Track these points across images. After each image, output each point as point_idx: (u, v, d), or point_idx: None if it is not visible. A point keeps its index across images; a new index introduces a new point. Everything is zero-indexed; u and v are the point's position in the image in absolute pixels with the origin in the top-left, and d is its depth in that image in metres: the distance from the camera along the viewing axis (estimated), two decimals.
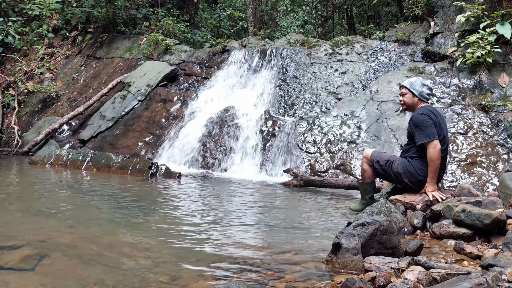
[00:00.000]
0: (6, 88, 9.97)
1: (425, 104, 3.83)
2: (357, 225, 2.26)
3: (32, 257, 2.20)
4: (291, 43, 9.00)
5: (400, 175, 3.71)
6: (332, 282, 1.93)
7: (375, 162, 3.88)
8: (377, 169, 3.87)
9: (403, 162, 3.75)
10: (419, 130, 3.59)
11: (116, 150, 7.46)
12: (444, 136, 3.66)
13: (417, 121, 3.63)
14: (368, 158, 3.93)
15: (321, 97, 7.59)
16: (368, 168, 3.96)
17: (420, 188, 3.67)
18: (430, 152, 3.51)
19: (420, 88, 3.82)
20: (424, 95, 3.81)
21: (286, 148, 6.63)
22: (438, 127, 3.60)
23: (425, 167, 3.59)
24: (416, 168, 3.65)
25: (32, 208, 3.52)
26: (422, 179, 3.63)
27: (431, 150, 3.51)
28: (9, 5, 11.00)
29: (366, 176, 4.00)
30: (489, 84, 6.50)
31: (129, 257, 2.33)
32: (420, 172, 3.63)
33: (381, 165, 3.82)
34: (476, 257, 2.33)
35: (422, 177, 3.63)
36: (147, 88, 8.70)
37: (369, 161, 3.93)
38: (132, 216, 3.44)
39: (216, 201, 4.44)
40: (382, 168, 3.83)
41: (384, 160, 3.84)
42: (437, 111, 3.76)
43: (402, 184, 3.80)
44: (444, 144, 3.65)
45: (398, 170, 3.72)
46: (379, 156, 3.90)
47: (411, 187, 3.71)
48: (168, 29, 10.61)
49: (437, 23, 7.81)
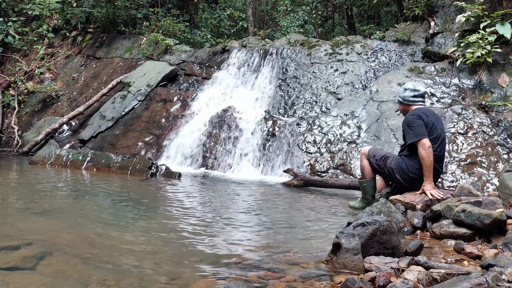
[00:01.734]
0: (6, 88, 9.97)
1: (419, 106, 3.92)
2: (357, 225, 2.26)
3: (32, 257, 2.20)
4: (291, 43, 9.00)
5: (392, 170, 3.86)
6: (332, 282, 1.93)
7: (371, 156, 4.04)
8: (373, 163, 4.02)
9: (396, 158, 3.90)
10: (409, 130, 3.73)
11: (116, 150, 7.47)
12: (439, 136, 3.74)
13: (407, 121, 3.77)
14: (366, 153, 4.09)
15: (321, 97, 7.59)
16: (366, 164, 4.08)
17: (411, 185, 3.76)
18: (420, 151, 3.61)
19: (403, 93, 3.99)
20: (407, 99, 3.93)
21: (286, 148, 6.63)
22: (431, 127, 3.69)
23: (416, 164, 3.69)
24: (408, 165, 3.77)
25: (32, 208, 3.52)
26: (413, 176, 3.73)
27: (420, 149, 3.61)
28: (9, 5, 10.99)
29: (366, 173, 4.11)
30: (489, 84, 6.50)
31: (129, 257, 2.33)
32: (411, 169, 3.74)
33: (377, 159, 3.99)
34: (476, 257, 2.33)
35: (413, 174, 3.73)
36: (147, 88, 8.70)
37: (366, 156, 4.08)
38: (132, 216, 3.44)
39: (216, 201, 4.44)
40: (377, 162, 3.99)
41: (380, 155, 4.01)
42: (431, 112, 3.86)
43: (394, 180, 3.96)
44: (439, 143, 3.73)
45: (391, 166, 3.88)
46: (376, 151, 4.08)
47: (402, 183, 3.83)
48: (168, 29, 10.61)
49: (437, 23, 7.81)
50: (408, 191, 3.75)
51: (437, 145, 3.70)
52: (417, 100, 3.93)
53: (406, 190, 3.78)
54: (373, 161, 4.01)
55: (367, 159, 4.07)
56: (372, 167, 4.05)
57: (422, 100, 3.95)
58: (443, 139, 3.79)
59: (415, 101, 3.93)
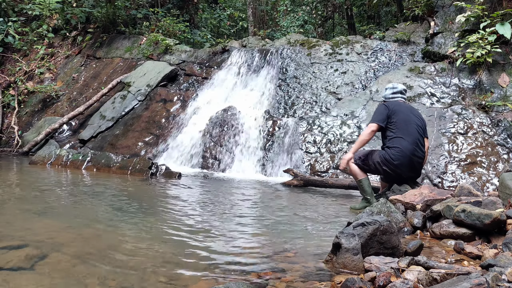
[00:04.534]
0: (6, 88, 9.98)
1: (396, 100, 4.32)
2: (357, 225, 2.26)
3: (32, 257, 2.20)
4: (291, 43, 8.99)
5: (379, 164, 4.09)
6: (332, 282, 1.93)
7: (357, 159, 4.20)
8: (360, 164, 4.18)
9: (380, 152, 4.17)
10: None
11: (116, 150, 7.46)
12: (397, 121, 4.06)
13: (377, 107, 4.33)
14: (350, 158, 4.20)
15: (321, 97, 7.59)
16: (355, 167, 4.21)
17: (397, 175, 4.06)
18: (364, 130, 4.11)
19: (384, 93, 4.44)
20: (388, 96, 4.36)
21: (286, 148, 6.63)
22: (393, 114, 4.10)
23: (398, 152, 4.00)
24: (390, 155, 4.03)
25: (32, 208, 3.52)
26: (398, 163, 4.02)
27: (365, 129, 4.17)
28: (9, 5, 11.00)
29: (358, 173, 4.22)
30: (489, 84, 6.50)
31: (129, 257, 2.33)
32: (394, 158, 4.02)
33: (362, 159, 4.18)
34: (476, 257, 2.33)
35: (397, 162, 4.01)
36: (147, 88, 8.70)
37: (353, 160, 4.22)
38: (132, 216, 3.44)
39: (216, 201, 4.44)
40: (363, 162, 4.18)
41: (364, 154, 4.22)
42: (398, 103, 4.23)
43: (382, 173, 4.21)
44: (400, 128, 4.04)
45: (376, 160, 4.12)
46: (359, 153, 4.24)
47: (390, 174, 4.08)
48: (168, 29, 10.61)
49: (437, 23, 7.81)
50: (395, 181, 4.10)
51: (396, 129, 4.05)
52: (396, 96, 4.32)
53: (394, 181, 4.13)
54: (360, 162, 4.18)
55: (354, 163, 4.20)
56: (360, 168, 4.19)
57: (401, 96, 4.32)
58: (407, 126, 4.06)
59: (394, 97, 4.32)
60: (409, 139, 4.02)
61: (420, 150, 4.10)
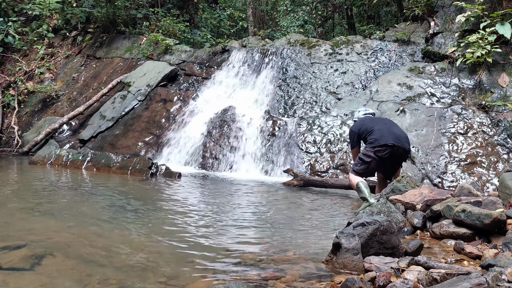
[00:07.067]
0: (6, 88, 9.97)
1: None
2: (357, 225, 2.26)
3: (32, 257, 2.20)
4: (291, 43, 8.99)
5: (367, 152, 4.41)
6: (332, 282, 1.93)
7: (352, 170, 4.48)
8: (356, 171, 4.43)
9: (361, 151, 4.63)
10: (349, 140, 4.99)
11: (116, 150, 7.46)
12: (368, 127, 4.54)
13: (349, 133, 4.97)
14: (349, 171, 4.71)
15: (321, 97, 7.59)
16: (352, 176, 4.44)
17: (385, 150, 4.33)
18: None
19: (357, 114, 5.02)
20: (360, 116, 4.90)
21: (286, 148, 6.63)
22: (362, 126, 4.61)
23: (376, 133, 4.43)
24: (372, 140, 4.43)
25: (32, 208, 3.52)
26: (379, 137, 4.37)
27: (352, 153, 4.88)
28: (9, 5, 11.00)
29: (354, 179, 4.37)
30: (489, 84, 6.50)
31: (129, 256, 2.33)
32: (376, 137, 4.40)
33: (356, 164, 4.49)
34: (476, 257, 2.33)
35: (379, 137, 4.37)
36: (147, 88, 8.70)
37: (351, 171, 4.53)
38: (132, 216, 3.44)
39: (216, 201, 4.44)
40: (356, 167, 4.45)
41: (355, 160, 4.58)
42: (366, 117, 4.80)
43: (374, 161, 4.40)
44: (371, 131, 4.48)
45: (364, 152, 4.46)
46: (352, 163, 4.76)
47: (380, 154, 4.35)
48: (168, 29, 10.60)
49: (437, 23, 7.81)
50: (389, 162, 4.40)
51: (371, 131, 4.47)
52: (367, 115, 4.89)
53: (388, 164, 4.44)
54: (355, 168, 4.44)
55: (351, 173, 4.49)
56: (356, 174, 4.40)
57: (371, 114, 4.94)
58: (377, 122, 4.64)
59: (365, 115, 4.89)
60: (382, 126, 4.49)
61: (396, 127, 4.57)
